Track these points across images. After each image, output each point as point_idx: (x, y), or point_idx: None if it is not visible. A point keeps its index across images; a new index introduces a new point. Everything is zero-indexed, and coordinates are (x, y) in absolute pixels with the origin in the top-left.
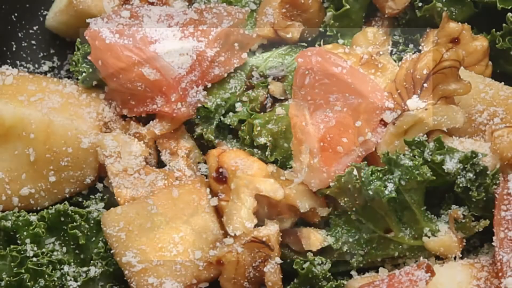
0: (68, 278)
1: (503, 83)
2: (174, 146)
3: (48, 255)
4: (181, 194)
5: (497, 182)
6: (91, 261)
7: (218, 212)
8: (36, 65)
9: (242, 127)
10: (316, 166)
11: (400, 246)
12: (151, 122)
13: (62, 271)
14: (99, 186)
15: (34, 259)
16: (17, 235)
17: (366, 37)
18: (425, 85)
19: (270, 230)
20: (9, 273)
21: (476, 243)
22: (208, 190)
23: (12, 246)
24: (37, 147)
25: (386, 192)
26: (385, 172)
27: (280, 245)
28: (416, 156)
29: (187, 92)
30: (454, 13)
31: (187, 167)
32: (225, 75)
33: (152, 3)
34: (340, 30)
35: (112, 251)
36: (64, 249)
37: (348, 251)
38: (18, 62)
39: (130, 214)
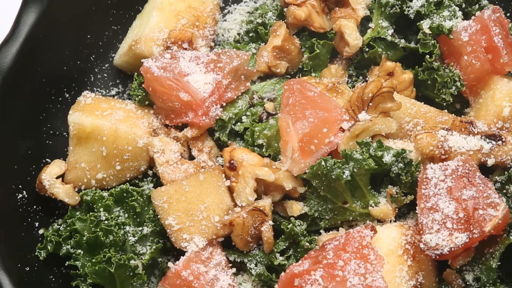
0: (129, 235)
1: (423, 103)
2: (200, 145)
3: (115, 219)
4: (205, 178)
5: (419, 170)
6: (144, 223)
7: (230, 190)
8: (107, 90)
9: (246, 133)
10: (296, 159)
11: (354, 213)
12: (185, 129)
13: (124, 230)
14: (150, 172)
15: (106, 222)
16: (94, 206)
17: (330, 71)
18: (370, 104)
19: (265, 202)
20: (88, 231)
21: (405, 211)
22: (223, 175)
23: (90, 213)
24: (108, 146)
25: (344, 176)
26: (343, 163)
27: (272, 212)
28: (364, 152)
29: (209, 109)
30: (389, 55)
31: (209, 160)
32: (235, 97)
33: (185, 49)
34: (312, 67)
35: (158, 216)
36: (126, 215)
37: (318, 216)
38: (95, 89)
39: (170, 191)
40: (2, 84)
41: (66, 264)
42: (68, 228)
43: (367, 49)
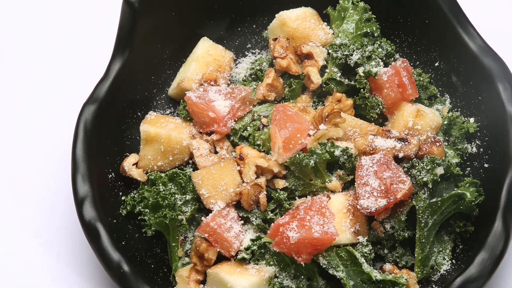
0: (177, 200)
1: (359, 118)
2: (221, 144)
3: (169, 190)
4: (225, 165)
5: (356, 160)
6: (187, 193)
7: (240, 172)
8: (164, 111)
9: (250, 137)
10: (281, 153)
11: (316, 187)
12: (212, 134)
13: (174, 197)
14: (190, 161)
15: (163, 192)
16: (156, 182)
17: (302, 99)
18: (326, 119)
19: (262, 180)
20: (152, 198)
21: (348, 185)
22: (235, 163)
23: (153, 187)
24: (164, 145)
25: (310, 164)
26: (310, 156)
27: (266, 186)
28: (323, 149)
29: (227, 122)
30: (338, 89)
31: (227, 154)
32: (243, 115)
33: (212, 85)
34: (291, 96)
35: (195, 189)
36: (175, 188)
37: (294, 189)
38: (156, 110)
39: (203, 173)
40: (99, 107)
41: (138, 218)
42: (140, 196)
43: (324, 85)
